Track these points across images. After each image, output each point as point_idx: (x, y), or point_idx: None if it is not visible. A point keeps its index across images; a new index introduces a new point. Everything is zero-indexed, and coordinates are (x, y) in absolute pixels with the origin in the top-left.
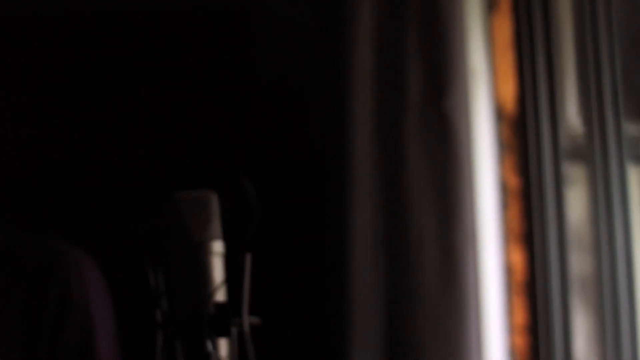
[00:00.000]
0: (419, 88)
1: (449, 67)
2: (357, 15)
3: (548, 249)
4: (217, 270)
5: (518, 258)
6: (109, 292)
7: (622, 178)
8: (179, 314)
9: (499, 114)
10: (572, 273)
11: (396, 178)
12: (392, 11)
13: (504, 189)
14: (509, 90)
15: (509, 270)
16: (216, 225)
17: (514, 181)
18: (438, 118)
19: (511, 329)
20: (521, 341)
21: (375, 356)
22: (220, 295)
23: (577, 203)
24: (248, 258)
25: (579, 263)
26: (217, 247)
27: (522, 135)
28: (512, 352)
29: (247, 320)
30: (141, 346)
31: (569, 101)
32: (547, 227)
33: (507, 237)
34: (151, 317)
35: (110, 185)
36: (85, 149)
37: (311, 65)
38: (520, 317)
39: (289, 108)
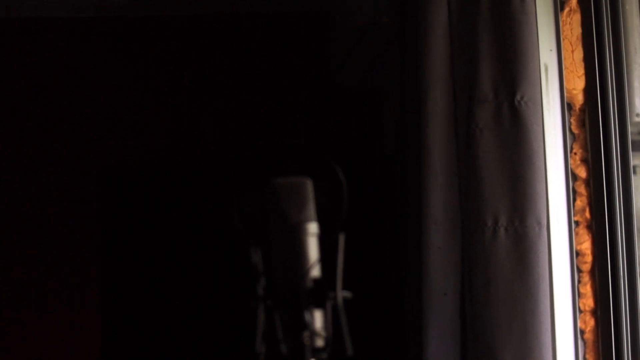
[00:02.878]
0: (491, 83)
1: (520, 63)
2: (431, 14)
3: (615, 236)
4: (313, 249)
5: (588, 244)
6: None
7: None
8: (278, 289)
9: (569, 107)
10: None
11: (471, 168)
12: (464, 10)
13: (575, 179)
14: (579, 85)
15: (579, 256)
16: (311, 208)
17: (584, 171)
18: (510, 111)
19: (581, 311)
20: (591, 323)
21: (449, 333)
22: (316, 272)
23: None
24: (342, 238)
25: None
26: (312, 228)
27: (591, 127)
28: (582, 334)
29: (341, 294)
30: (244, 317)
31: (636, 95)
32: (614, 215)
33: (578, 224)
34: (253, 292)
35: (219, 173)
36: (202, 138)
37: (389, 62)
38: (590, 300)
39: (370, 103)
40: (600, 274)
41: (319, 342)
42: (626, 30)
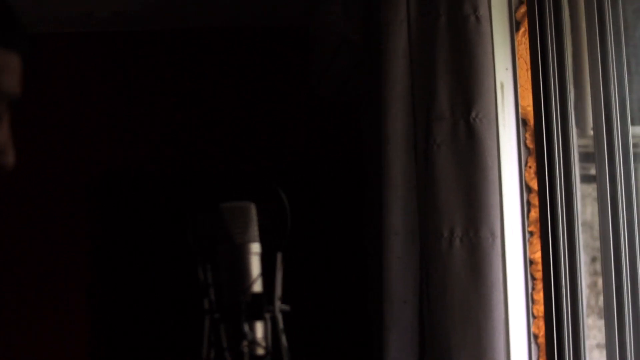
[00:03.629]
0: (448, 101)
1: (475, 82)
2: (392, 35)
3: (557, 244)
4: (255, 267)
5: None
6: None
7: (627, 176)
8: (224, 303)
9: (524, 123)
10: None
11: (429, 181)
12: (423, 31)
13: (529, 191)
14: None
15: (532, 265)
16: (254, 230)
17: (537, 184)
18: (466, 128)
19: (534, 317)
20: (544, 328)
21: (409, 338)
22: (257, 287)
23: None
24: (279, 256)
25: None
26: (255, 247)
27: (536, 141)
28: (536, 338)
29: (278, 307)
30: (192, 329)
31: (583, 109)
32: (557, 225)
33: (532, 234)
34: (200, 305)
35: (170, 197)
36: (187, 147)
37: (361, 77)
38: (543, 305)
39: (346, 115)
40: (544, 281)
41: (260, 351)
42: (580, 48)
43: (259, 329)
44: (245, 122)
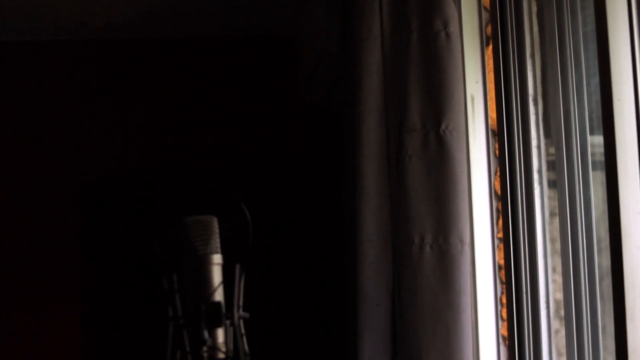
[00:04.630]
0: (419, 113)
1: (445, 95)
2: (366, 50)
3: (519, 250)
4: (217, 277)
5: None
6: None
7: (585, 182)
8: (187, 310)
9: (494, 134)
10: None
11: (400, 191)
12: (395, 46)
13: (498, 199)
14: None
15: (501, 270)
16: (216, 242)
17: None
18: (436, 140)
19: (503, 319)
20: None
21: (381, 339)
22: (218, 296)
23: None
24: (238, 267)
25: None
26: (217, 259)
27: (500, 151)
28: (504, 340)
29: (237, 314)
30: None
31: (539, 121)
32: (518, 230)
33: (501, 240)
34: (164, 313)
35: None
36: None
37: (339, 88)
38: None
39: (329, 123)
40: (507, 284)
41: (220, 355)
42: (546, 62)
43: (220, 335)
44: (234, 127)
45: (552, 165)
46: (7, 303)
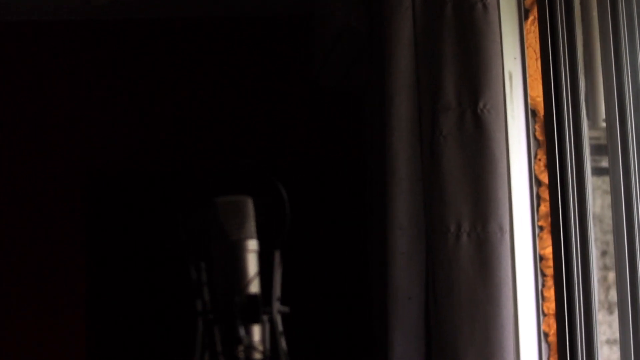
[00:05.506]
0: (454, 91)
1: (482, 72)
2: (397, 22)
3: (569, 239)
4: (252, 265)
5: (551, 249)
6: None
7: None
8: (218, 304)
9: (534, 114)
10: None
11: (434, 174)
12: (428, 19)
13: (539, 184)
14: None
15: (543, 260)
16: (251, 226)
17: (547, 177)
18: (473, 119)
19: (545, 314)
20: (555, 326)
21: (414, 336)
22: (254, 287)
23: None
24: (277, 255)
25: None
26: (252, 245)
27: (547, 133)
28: (546, 336)
29: (276, 308)
30: (184, 332)
31: (594, 100)
32: (569, 219)
33: (542, 229)
34: (193, 307)
35: (164, 195)
36: (187, 141)
37: (364, 66)
38: (554, 304)
39: (349, 106)
40: (556, 277)
41: (257, 356)
42: (591, 37)
43: (256, 332)
44: (243, 115)
45: (595, 149)
46: (8, 302)
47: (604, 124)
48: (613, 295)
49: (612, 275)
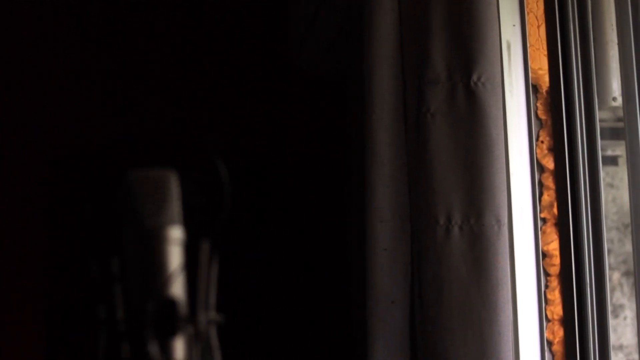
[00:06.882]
0: (444, 62)
1: (477, 40)
2: None
3: (580, 235)
4: (173, 260)
5: (556, 244)
6: None
7: None
8: (127, 311)
9: (535, 90)
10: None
11: (421, 158)
12: None
13: (541, 170)
14: (546, 64)
15: (546, 258)
16: (173, 209)
17: (551, 162)
18: (465, 93)
19: (548, 320)
20: (560, 333)
21: (398, 345)
22: (177, 289)
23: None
24: (205, 245)
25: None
26: (174, 233)
27: (553, 112)
28: (550, 345)
29: (205, 318)
30: (82, 347)
31: (606, 77)
32: (580, 212)
33: (545, 222)
34: (94, 314)
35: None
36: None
37: (346, 45)
38: (559, 307)
39: (329, 89)
40: (564, 277)
41: None
42: (601, 6)
43: (179, 348)
44: (218, 100)
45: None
46: None
47: (614, 104)
48: (617, 297)
49: (616, 276)
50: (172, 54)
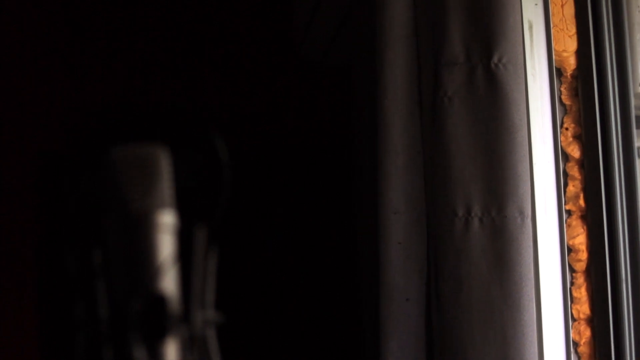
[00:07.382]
0: (462, 42)
1: (497, 18)
2: None
3: (615, 228)
4: (164, 250)
5: (582, 239)
6: None
7: None
8: (110, 309)
9: (560, 73)
10: None
11: (437, 145)
12: None
13: (566, 159)
14: (571, 46)
15: (571, 253)
16: (163, 190)
17: (577, 150)
18: (485, 76)
19: (574, 319)
20: (587, 334)
21: (413, 346)
22: (167, 284)
23: None
24: (201, 232)
25: None
26: (164, 218)
27: (584, 97)
28: (576, 346)
29: (202, 317)
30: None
31: (634, 61)
32: (614, 203)
33: (570, 214)
34: (72, 313)
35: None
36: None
37: (346, 32)
38: (586, 306)
39: (335, 78)
40: (596, 274)
41: None
42: None
43: (171, 352)
44: (218, 88)
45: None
46: None
47: None
48: None
49: None
50: (175, 45)
